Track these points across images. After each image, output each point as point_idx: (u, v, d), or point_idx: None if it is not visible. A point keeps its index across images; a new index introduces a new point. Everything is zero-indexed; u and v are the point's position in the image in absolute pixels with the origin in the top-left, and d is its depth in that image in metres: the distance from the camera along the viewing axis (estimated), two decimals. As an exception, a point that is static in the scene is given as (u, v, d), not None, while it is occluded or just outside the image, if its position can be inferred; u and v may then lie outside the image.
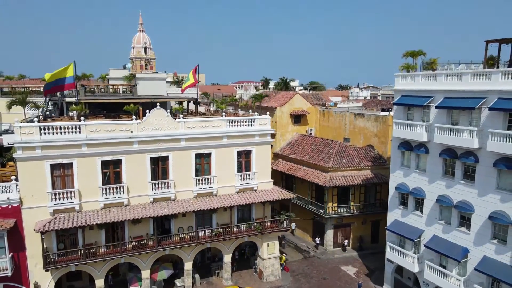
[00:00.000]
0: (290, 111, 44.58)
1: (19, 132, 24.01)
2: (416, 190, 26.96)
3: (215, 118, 29.62)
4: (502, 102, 21.04)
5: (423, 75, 26.47)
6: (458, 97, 23.65)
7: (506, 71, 21.46)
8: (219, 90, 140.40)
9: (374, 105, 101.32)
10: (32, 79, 57.93)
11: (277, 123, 44.16)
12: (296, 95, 45.12)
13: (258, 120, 30.65)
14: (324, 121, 45.81)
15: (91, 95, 33.03)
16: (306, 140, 43.26)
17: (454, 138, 23.44)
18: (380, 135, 38.62)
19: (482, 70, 23.03)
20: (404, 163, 28.49)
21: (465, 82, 23.43)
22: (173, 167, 28.29)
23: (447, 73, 24.84)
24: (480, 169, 22.80)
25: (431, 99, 25.38)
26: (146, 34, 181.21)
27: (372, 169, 37.57)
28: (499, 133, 20.92)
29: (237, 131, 29.91)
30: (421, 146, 26.23)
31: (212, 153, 29.41)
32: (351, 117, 41.92)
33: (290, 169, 40.76)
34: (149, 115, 27.26)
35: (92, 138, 25.61)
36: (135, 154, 27.05)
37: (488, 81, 22.22)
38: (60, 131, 24.95)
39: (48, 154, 24.69)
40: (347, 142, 42.44)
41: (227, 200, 29.27)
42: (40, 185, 24.72)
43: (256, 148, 30.84)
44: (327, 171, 36.56)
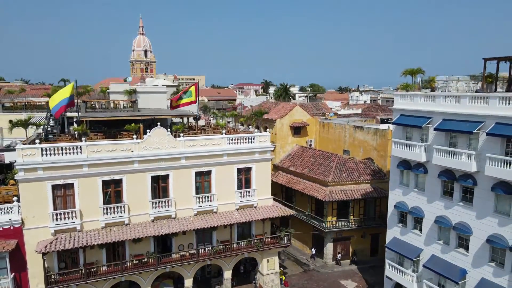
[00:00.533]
0: (290, 123, 44.76)
1: (20, 154, 24.21)
2: (415, 209, 27.15)
3: (215, 136, 29.80)
4: (499, 128, 21.23)
5: (421, 95, 26.63)
6: (456, 119, 23.83)
7: (504, 96, 21.64)
8: (219, 93, 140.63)
9: (374, 110, 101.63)
10: (33, 89, 58.15)
11: (277, 135, 44.36)
12: (295, 107, 45.29)
13: (258, 137, 30.83)
14: (324, 132, 45.98)
15: (92, 111, 33.22)
16: (306, 152, 43.44)
17: (452, 161, 23.62)
18: (380, 149, 38.79)
19: (479, 94, 23.17)
20: (403, 182, 28.67)
21: (463, 105, 23.60)
22: (174, 185, 28.48)
23: (445, 95, 24.99)
24: (478, 192, 22.99)
25: (429, 120, 25.55)
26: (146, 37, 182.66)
27: (372, 183, 37.75)
28: (497, 158, 21.11)
29: (237, 149, 30.10)
30: (420, 166, 26.41)
31: (212, 170, 29.60)
32: (351, 129, 42.09)
33: (290, 181, 40.94)
34: (150, 135, 27.45)
35: (93, 159, 25.81)
36: (135, 173, 27.25)
37: (486, 105, 22.40)
38: (61, 152, 25.14)
39: (50, 175, 24.90)
40: (347, 154, 42.62)
41: (227, 218, 29.45)
42: (42, 205, 24.93)
43: (256, 165, 31.03)
44: (327, 185, 36.74)
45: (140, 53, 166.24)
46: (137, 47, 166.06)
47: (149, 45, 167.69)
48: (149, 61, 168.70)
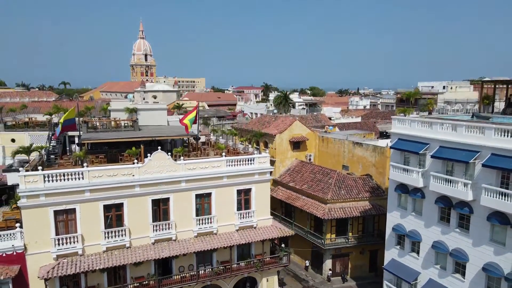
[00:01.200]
0: (290, 138, 45.09)
1: (23, 181, 24.56)
2: (412, 233, 27.49)
3: (215, 159, 30.12)
4: (495, 159, 21.56)
5: (419, 121, 26.94)
6: (453, 147, 24.15)
7: (499, 128, 21.95)
8: (219, 98, 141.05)
9: (374, 116, 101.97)
10: (34, 101, 58.47)
11: (277, 150, 44.70)
12: (295, 122, 45.62)
13: (257, 159, 31.16)
14: (323, 146, 46.31)
15: (93, 131, 33.54)
16: (306, 167, 43.78)
17: (449, 188, 23.96)
18: (378, 166, 39.11)
19: (476, 124, 23.48)
20: (401, 204, 29.02)
21: (460, 134, 23.92)
22: (174, 208, 28.80)
23: (442, 123, 25.29)
24: (474, 220, 23.33)
25: (427, 146, 25.88)
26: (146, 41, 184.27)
27: (370, 200, 38.07)
28: (492, 189, 21.44)
29: (237, 171, 30.41)
30: (417, 191, 26.75)
31: (212, 192, 29.93)
32: (350, 145, 42.40)
33: (289, 197, 41.27)
34: (150, 159, 27.78)
35: (94, 184, 26.14)
36: (136, 197, 27.59)
37: (481, 136, 22.73)
38: (63, 178, 25.48)
39: (52, 201, 25.24)
40: (346, 169, 42.95)
41: (227, 239, 29.79)
42: (44, 231, 25.27)
43: (256, 186, 31.35)
44: (326, 202, 37.09)
45: (140, 57, 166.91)
46: (137, 51, 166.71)
47: (149, 49, 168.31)
48: (149, 65, 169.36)
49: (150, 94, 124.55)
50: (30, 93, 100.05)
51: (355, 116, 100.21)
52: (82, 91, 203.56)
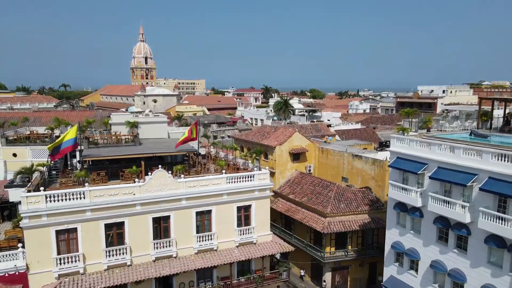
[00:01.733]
0: (289, 149, 45.30)
1: (25, 202, 24.79)
2: (411, 251, 27.72)
3: (215, 176, 30.38)
4: (492, 183, 21.78)
5: (417, 141, 27.15)
6: (451, 169, 24.38)
7: (497, 152, 22.16)
8: (219, 101, 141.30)
9: (374, 121, 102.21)
10: (35, 111, 58.67)
11: (277, 162, 44.92)
12: (295, 133, 45.81)
13: (257, 176, 31.40)
14: (323, 158, 46.52)
15: (94, 146, 33.75)
16: (305, 179, 44.00)
17: (447, 210, 24.19)
18: (378, 179, 39.32)
19: (473, 147, 23.68)
20: (400, 222, 29.26)
21: (458, 156, 24.13)
22: (175, 225, 29.06)
23: (440, 144, 25.51)
24: (472, 241, 23.57)
25: (425, 166, 26.11)
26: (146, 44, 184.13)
27: (370, 213, 38.28)
28: (490, 213, 21.67)
29: (237, 188, 30.66)
30: (416, 210, 26.98)
31: (213, 210, 30.18)
32: (349, 157, 42.60)
33: (289, 210, 41.49)
34: (151, 177, 28.01)
35: (96, 203, 26.39)
36: (137, 215, 27.84)
37: (479, 159, 22.94)
38: (65, 198, 25.73)
39: (54, 221, 25.49)
40: (345, 181, 43.17)
41: (227, 256, 30.05)
42: (46, 250, 25.52)
43: (256, 202, 31.61)
44: (325, 216, 37.31)
45: (141, 60, 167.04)
46: (137, 54, 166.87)
47: (149, 52, 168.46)
48: (150, 68, 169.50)
49: (150, 98, 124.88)
50: (30, 98, 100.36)
51: (355, 121, 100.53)
52: (82, 93, 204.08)
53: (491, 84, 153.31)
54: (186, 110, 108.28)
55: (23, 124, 42.25)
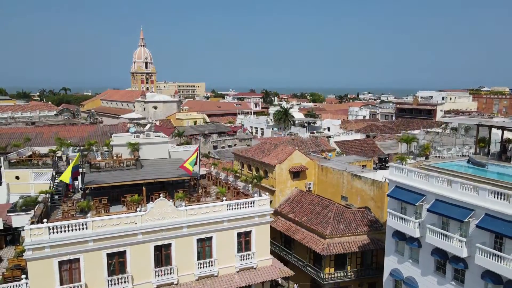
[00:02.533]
0: (289, 167, 45.65)
1: (29, 234, 25.13)
2: (409, 280, 28.07)
3: (216, 204, 30.72)
4: (488, 220, 22.12)
5: (415, 172, 27.48)
6: (449, 202, 24.71)
7: (493, 190, 22.49)
8: (219, 107, 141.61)
9: (373, 129, 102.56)
10: (37, 126, 58.97)
11: (277, 180, 45.28)
12: (295, 152, 46.14)
13: (257, 202, 31.75)
14: (322, 175, 46.86)
15: (96, 171, 34.09)
16: (305, 197, 44.36)
17: (444, 243, 24.53)
18: (377, 200, 39.67)
19: (470, 183, 23.99)
20: (398, 249, 29.61)
21: (455, 190, 24.45)
22: (176, 253, 29.38)
23: (438, 177, 25.82)
24: (469, 275, 23.92)
25: (423, 197, 26.44)
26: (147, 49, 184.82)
27: (369, 234, 38.63)
28: (486, 250, 22.00)
29: (238, 214, 30.99)
30: (414, 240, 27.32)
31: (213, 236, 30.52)
32: (349, 177, 42.95)
33: (289, 229, 41.85)
34: (153, 206, 28.36)
35: (98, 234, 26.73)
36: (139, 244, 28.18)
37: (475, 195, 23.27)
38: (68, 229, 26.07)
39: (57, 252, 25.82)
40: (345, 200, 43.51)
41: (228, 282, 30.37)
42: (49, 281, 25.83)
43: (256, 228, 31.94)
44: (325, 237, 37.66)
45: (141, 65, 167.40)
46: (138, 59, 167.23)
47: (149, 56, 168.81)
48: (150, 73, 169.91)
49: (151, 104, 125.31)
50: (31, 106, 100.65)
51: (355, 129, 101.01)
52: (82, 97, 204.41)
53: (490, 90, 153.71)
54: (186, 118, 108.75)
55: (26, 144, 42.58)
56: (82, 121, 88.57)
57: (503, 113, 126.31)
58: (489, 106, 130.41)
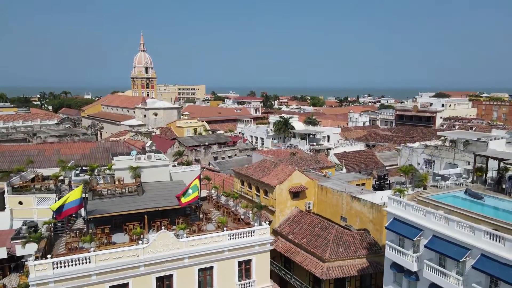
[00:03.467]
0: (289, 187, 46.09)
1: (33, 270, 25.59)
2: (407, 312, 28.54)
3: (217, 234, 31.15)
4: (484, 262, 22.55)
5: (413, 207, 27.90)
6: (446, 239, 25.15)
7: (489, 231, 22.91)
8: (220, 113, 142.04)
9: (373, 138, 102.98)
10: (39, 143, 59.26)
11: (277, 200, 45.72)
12: (295, 172, 46.57)
13: (258, 231, 32.21)
14: (322, 195, 47.30)
15: (98, 198, 34.54)
16: (305, 218, 44.82)
17: (441, 280, 24.97)
18: (376, 222, 40.10)
19: (466, 222, 24.40)
20: (397, 280, 30.05)
21: (452, 228, 24.88)
22: (178, 283, 29.83)
23: (435, 213, 26.24)
24: (465, 312, 24.33)
25: (421, 232, 26.87)
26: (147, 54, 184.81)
27: (368, 257, 39.08)
28: (482, 291, 22.46)
29: (238, 243, 31.45)
30: (412, 273, 27.76)
31: (214, 266, 30.99)
32: (348, 198, 43.38)
33: (289, 250, 42.33)
34: (155, 239, 28.82)
35: (101, 267, 27.18)
36: (141, 276, 28.64)
37: (472, 235, 23.70)
38: (71, 264, 26.53)
39: (60, 287, 26.28)
40: (344, 221, 43.96)
41: (228, 311, 30.89)
42: (53, 316, 26.33)
43: (256, 256, 32.41)
44: (324, 261, 38.14)
45: (141, 70, 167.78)
46: (138, 63, 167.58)
47: (150, 61, 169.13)
48: (150, 78, 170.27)
49: (151, 111, 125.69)
50: (32, 115, 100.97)
51: (354, 138, 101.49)
52: (83, 101, 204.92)
53: (490, 97, 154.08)
54: (187, 126, 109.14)
55: (28, 166, 43.07)
56: (83, 131, 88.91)
57: (502, 120, 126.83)
58: (489, 113, 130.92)
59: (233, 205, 38.46)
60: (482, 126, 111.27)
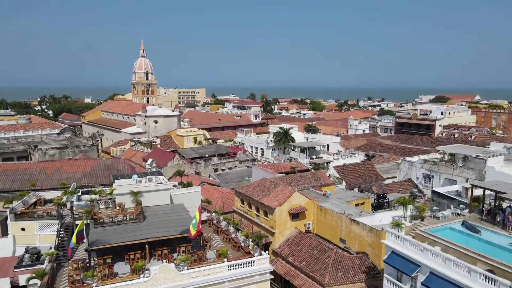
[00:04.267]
0: (289, 209, 46.49)
1: (37, 309, 26.09)
2: None
3: (217, 265, 31.61)
4: (480, 304, 22.97)
5: (410, 242, 28.32)
6: (443, 278, 25.56)
7: (484, 273, 23.32)
8: (220, 120, 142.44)
9: (373, 148, 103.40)
10: (41, 161, 59.73)
11: (276, 222, 46.13)
12: (294, 193, 46.99)
13: (258, 260, 32.66)
14: (321, 216, 47.70)
15: (100, 226, 34.98)
16: (304, 240, 45.23)
17: (438, 318, 25.38)
18: (374, 246, 40.50)
19: (463, 262, 24.79)
20: (395, 312, 30.46)
21: (449, 267, 25.30)
22: (178, 314, 30.33)
23: (432, 251, 26.64)
24: None
25: (418, 268, 27.29)
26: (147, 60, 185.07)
27: (366, 282, 39.47)
28: (478, 333, 22.89)
29: (238, 274, 31.93)
30: (409, 308, 28.20)
31: (215, 297, 31.46)
32: (347, 221, 43.78)
33: (288, 273, 42.76)
34: (156, 272, 29.27)
35: (103, 302, 27.66)
36: (143, 309, 29.10)
37: (468, 276, 24.12)
38: (74, 299, 27.01)
39: (63, 322, 26.79)
40: (343, 243, 44.37)
41: None
42: None
43: (256, 285, 32.87)
44: (323, 285, 38.56)
45: (142, 76, 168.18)
46: (139, 69, 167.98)
47: (150, 67, 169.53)
48: (150, 83, 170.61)
49: (151, 119, 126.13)
50: (33, 125, 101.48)
51: (354, 147, 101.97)
52: (83, 106, 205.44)
53: (489, 104, 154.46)
54: (187, 134, 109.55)
55: (30, 190, 43.55)
56: (84, 142, 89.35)
57: (501, 128, 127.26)
58: (488, 120, 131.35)
59: (233, 231, 38.89)
60: (481, 134, 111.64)
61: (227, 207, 58.34)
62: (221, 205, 58.80)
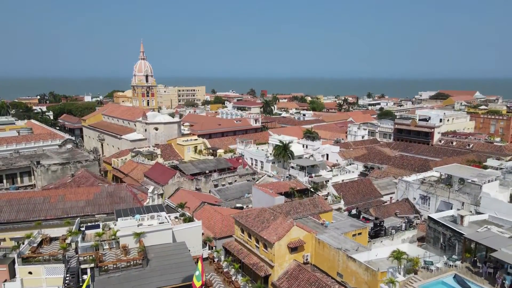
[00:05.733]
0: (288, 243, 47.69)
1: None
2: None
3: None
4: None
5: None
6: None
7: None
8: (220, 125, 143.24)
9: (372, 158, 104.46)
10: (44, 189, 60.74)
11: (275, 256, 47.38)
12: (293, 227, 48.16)
13: (257, 310, 33.97)
14: (319, 248, 48.93)
15: (105, 273, 36.20)
16: (303, 274, 46.53)
17: None
18: (370, 285, 41.77)
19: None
20: None
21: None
22: None
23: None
24: None
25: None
26: (147, 62, 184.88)
27: (362, 320, 40.96)
28: None
29: (238, 324, 33.25)
30: None
31: None
32: (344, 256, 45.00)
33: (287, 308, 44.18)
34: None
35: None
36: None
37: None
38: None
39: None
40: (340, 277, 45.67)
41: None
42: None
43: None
44: (321, 325, 40.00)
45: (141, 78, 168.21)
46: (138, 72, 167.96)
47: (150, 70, 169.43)
48: (150, 86, 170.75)
49: (152, 126, 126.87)
50: (34, 137, 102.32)
51: (353, 157, 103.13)
52: (83, 106, 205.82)
53: (488, 109, 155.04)
54: (187, 144, 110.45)
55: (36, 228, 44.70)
56: (86, 156, 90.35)
57: (499, 134, 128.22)
58: (486, 126, 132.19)
59: (234, 274, 40.14)
60: (479, 143, 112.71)
61: (227, 230, 59.71)
62: (221, 229, 60.20)
